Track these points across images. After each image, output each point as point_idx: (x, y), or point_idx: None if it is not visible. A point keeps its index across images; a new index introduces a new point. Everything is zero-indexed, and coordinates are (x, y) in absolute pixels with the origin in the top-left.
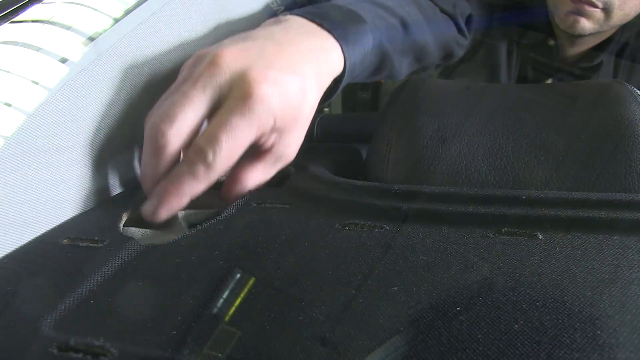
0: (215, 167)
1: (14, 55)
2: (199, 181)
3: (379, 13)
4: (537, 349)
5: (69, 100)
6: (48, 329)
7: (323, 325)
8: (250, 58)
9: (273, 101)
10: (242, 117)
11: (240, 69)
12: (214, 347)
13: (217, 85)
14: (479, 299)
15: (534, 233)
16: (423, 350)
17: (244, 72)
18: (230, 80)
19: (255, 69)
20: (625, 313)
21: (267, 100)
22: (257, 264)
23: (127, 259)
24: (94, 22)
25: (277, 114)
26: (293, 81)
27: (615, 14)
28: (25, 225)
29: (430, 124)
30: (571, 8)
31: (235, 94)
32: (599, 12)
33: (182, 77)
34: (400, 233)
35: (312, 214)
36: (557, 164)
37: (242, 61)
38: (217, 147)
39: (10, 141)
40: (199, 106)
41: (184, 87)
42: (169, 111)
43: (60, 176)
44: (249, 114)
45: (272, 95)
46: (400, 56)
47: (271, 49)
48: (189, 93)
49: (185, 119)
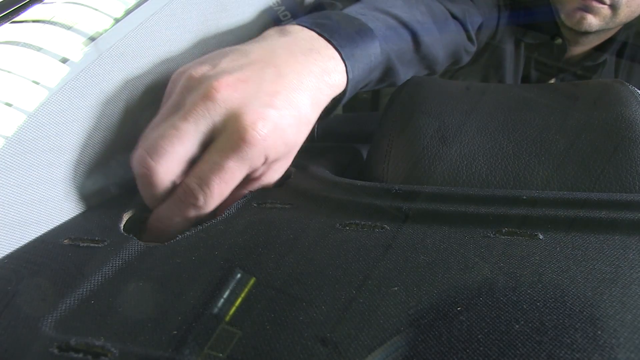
0: (205, 208)
1: (14, 55)
2: (189, 219)
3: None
4: (537, 349)
5: (70, 100)
6: (48, 329)
7: (324, 325)
8: (248, 92)
9: (267, 142)
10: (235, 161)
11: (237, 107)
12: (215, 347)
13: (211, 121)
14: (479, 299)
15: (534, 233)
16: (424, 351)
17: (240, 113)
18: (224, 118)
19: (252, 108)
20: (626, 313)
21: (262, 144)
22: (258, 264)
23: (128, 259)
24: (95, 22)
25: (270, 152)
26: (290, 117)
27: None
28: (25, 225)
29: (431, 124)
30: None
31: (230, 135)
32: (606, 9)
33: (171, 102)
34: (401, 233)
35: (312, 214)
36: (557, 164)
37: (239, 97)
38: (208, 190)
39: (11, 141)
40: (189, 142)
41: (175, 119)
42: (157, 145)
43: (61, 176)
44: (242, 158)
45: (267, 137)
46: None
47: (270, 80)
48: (180, 127)
49: (174, 154)
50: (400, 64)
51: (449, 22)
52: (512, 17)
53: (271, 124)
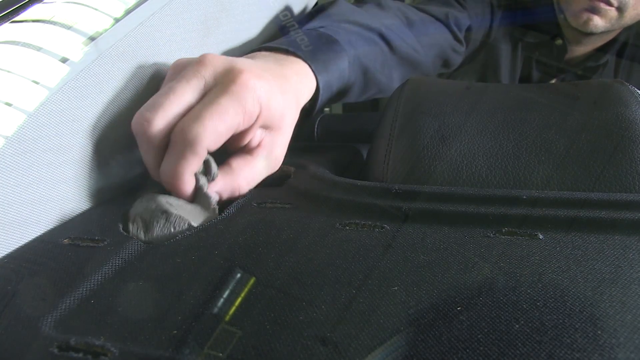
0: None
1: (14, 55)
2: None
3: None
4: (537, 349)
5: (70, 100)
6: (48, 328)
7: (324, 325)
8: (235, 60)
9: (258, 91)
10: (228, 98)
11: (226, 65)
12: (215, 347)
13: (202, 77)
14: (479, 299)
15: (534, 233)
16: (423, 350)
17: (230, 66)
18: (214, 73)
19: (241, 64)
20: (626, 313)
21: (253, 88)
22: (258, 264)
23: (128, 258)
24: (95, 22)
25: (263, 104)
26: (276, 87)
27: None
28: (25, 225)
29: (431, 123)
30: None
31: (222, 80)
32: (613, 11)
33: (167, 79)
34: (401, 233)
35: (312, 214)
36: (557, 164)
37: (227, 61)
38: (201, 124)
39: (11, 141)
40: (182, 96)
41: (170, 83)
42: (153, 102)
43: (61, 176)
44: (235, 96)
45: (257, 85)
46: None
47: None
48: (174, 86)
49: (170, 106)
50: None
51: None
52: (509, 16)
53: (261, 81)
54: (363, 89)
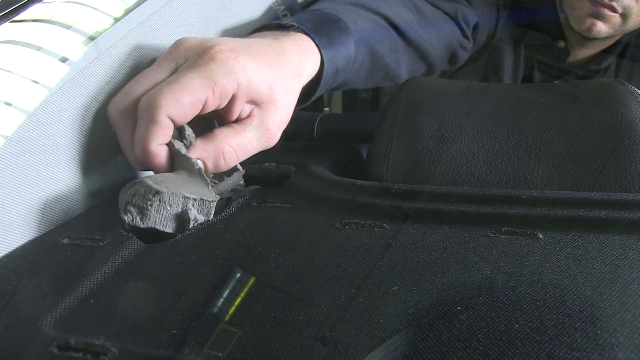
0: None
1: (14, 55)
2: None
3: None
4: (537, 349)
5: (70, 100)
6: (48, 328)
7: (323, 324)
8: (210, 38)
9: (231, 64)
10: (192, 70)
11: (199, 43)
12: (214, 347)
13: (173, 58)
14: (479, 299)
15: (534, 233)
16: (423, 350)
17: (201, 43)
18: (186, 53)
19: (214, 41)
20: (626, 313)
21: (224, 61)
22: (258, 263)
23: (127, 258)
24: (94, 22)
25: (241, 77)
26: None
27: (632, 19)
28: (25, 225)
29: (431, 123)
30: (590, 11)
31: (191, 57)
32: (617, 17)
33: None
34: (401, 232)
35: (312, 214)
36: (557, 164)
37: (201, 40)
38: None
39: (11, 140)
40: (152, 78)
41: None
42: (125, 87)
43: (61, 175)
44: (201, 68)
45: (230, 58)
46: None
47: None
48: (146, 70)
49: (137, 87)
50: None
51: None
52: (513, 17)
53: (235, 54)
54: (370, 71)
